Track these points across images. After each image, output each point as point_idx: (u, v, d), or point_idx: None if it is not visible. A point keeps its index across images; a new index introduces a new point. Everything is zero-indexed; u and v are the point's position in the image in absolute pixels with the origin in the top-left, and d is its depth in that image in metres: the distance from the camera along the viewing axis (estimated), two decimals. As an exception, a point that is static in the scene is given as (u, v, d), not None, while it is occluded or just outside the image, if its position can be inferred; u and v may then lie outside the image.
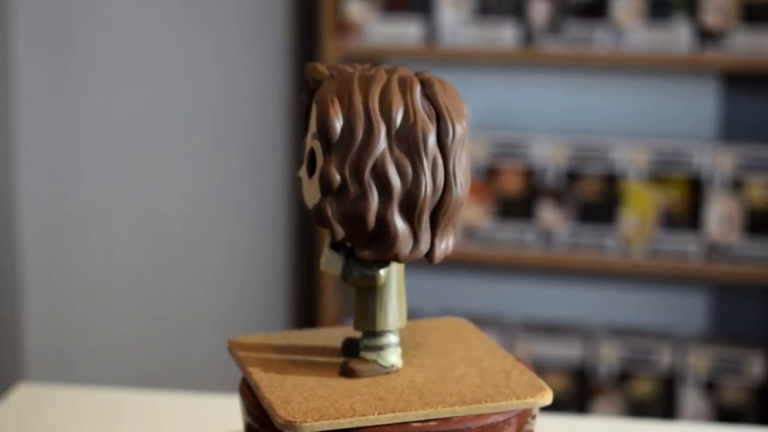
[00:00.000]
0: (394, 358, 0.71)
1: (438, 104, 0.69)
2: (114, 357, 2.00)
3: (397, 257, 0.69)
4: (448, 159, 0.69)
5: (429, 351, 0.73)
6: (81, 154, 1.91)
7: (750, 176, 2.11)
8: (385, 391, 0.68)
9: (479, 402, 0.66)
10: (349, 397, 0.67)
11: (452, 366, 0.70)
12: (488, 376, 0.68)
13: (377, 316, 0.71)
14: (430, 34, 2.19)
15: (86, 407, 1.01)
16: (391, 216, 0.68)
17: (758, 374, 2.16)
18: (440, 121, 0.69)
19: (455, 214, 0.70)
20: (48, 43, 1.83)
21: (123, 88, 1.95)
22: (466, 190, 0.70)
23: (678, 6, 2.10)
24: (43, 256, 1.88)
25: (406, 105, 0.69)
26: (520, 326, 2.30)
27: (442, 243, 0.70)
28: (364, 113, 0.68)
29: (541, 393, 0.66)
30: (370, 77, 0.70)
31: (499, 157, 2.19)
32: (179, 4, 2.02)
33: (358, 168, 0.68)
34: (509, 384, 0.67)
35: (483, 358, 0.71)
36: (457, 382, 0.68)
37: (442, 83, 0.70)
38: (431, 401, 0.66)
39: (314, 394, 0.67)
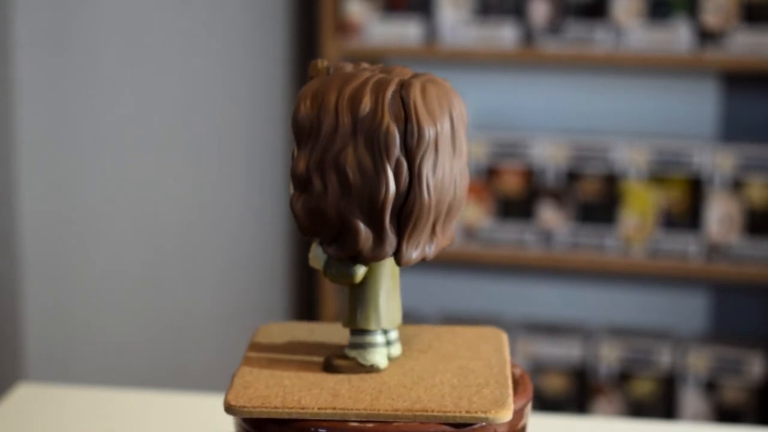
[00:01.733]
0: (376, 358, 0.71)
1: (408, 106, 0.69)
2: (114, 357, 2.00)
3: (360, 256, 0.69)
4: (413, 161, 0.68)
5: (432, 356, 0.73)
6: (81, 154, 1.91)
7: (750, 176, 2.11)
8: (349, 389, 0.68)
9: (426, 411, 0.65)
10: (308, 390, 0.67)
11: (437, 373, 0.70)
12: (463, 387, 0.67)
13: (359, 315, 0.71)
14: (430, 34, 2.19)
15: (86, 407, 1.02)
16: (352, 214, 0.69)
17: (758, 374, 2.16)
18: (407, 123, 0.68)
19: (425, 219, 0.69)
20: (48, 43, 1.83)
21: (123, 89, 1.95)
22: (446, 195, 0.69)
23: (678, 6, 2.10)
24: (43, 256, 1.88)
25: (374, 104, 0.69)
26: (520, 326, 2.30)
27: (412, 247, 0.69)
28: (333, 110, 0.69)
29: (496, 410, 0.64)
30: (350, 76, 0.70)
31: (499, 157, 2.19)
32: (179, 5, 2.02)
33: (321, 163, 0.69)
34: (474, 397, 0.66)
35: (476, 369, 0.70)
36: (426, 388, 0.68)
37: (425, 86, 0.70)
38: (382, 404, 0.66)
39: (279, 384, 0.68)
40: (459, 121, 0.71)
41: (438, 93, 0.70)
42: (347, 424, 0.65)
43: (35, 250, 1.87)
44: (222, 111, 2.14)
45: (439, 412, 0.64)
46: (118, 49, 1.93)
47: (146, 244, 2.02)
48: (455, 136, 0.70)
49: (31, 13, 1.80)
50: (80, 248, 1.93)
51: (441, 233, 0.71)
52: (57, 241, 1.90)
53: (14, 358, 1.87)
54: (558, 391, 2.25)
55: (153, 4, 1.97)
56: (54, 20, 1.84)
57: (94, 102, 1.91)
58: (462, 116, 0.71)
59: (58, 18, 1.84)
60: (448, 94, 0.71)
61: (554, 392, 2.25)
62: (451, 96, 0.71)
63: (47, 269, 1.90)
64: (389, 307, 0.72)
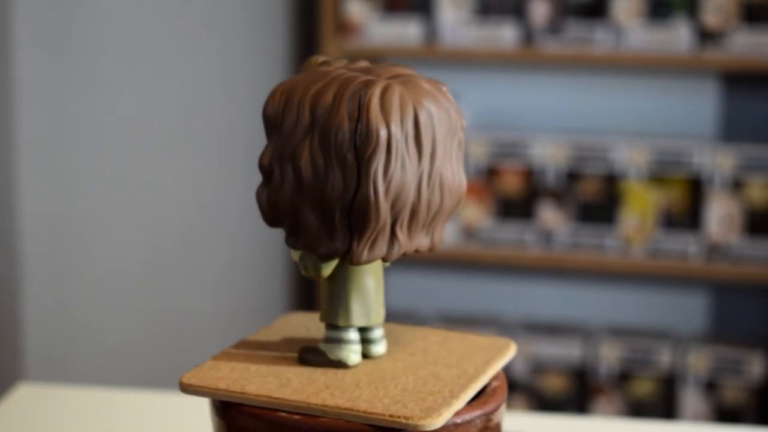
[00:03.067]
0: (343, 354, 0.72)
1: (361, 106, 0.69)
2: (114, 357, 2.00)
3: (314, 251, 0.70)
4: (361, 161, 0.68)
5: (415, 359, 0.73)
6: (81, 154, 1.91)
7: (750, 176, 2.11)
8: (302, 381, 0.69)
9: (352, 410, 0.65)
10: (263, 377, 0.69)
11: (403, 376, 0.70)
12: (413, 393, 0.68)
13: (330, 310, 0.72)
14: (430, 34, 2.19)
15: (86, 407, 1.02)
16: (305, 209, 0.70)
17: (758, 374, 2.16)
18: (358, 123, 0.69)
19: (376, 219, 0.69)
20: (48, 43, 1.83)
21: (123, 89, 1.95)
22: (404, 197, 0.69)
23: (678, 6, 2.10)
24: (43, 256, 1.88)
25: (332, 103, 0.69)
26: (520, 326, 2.30)
27: (365, 247, 0.70)
28: (296, 106, 0.70)
29: (421, 418, 0.64)
30: (324, 74, 0.71)
31: (499, 157, 2.19)
32: (179, 5, 2.02)
33: (281, 157, 0.70)
34: (411, 404, 0.66)
35: (444, 377, 0.70)
36: (377, 389, 0.68)
37: (389, 86, 0.70)
38: (317, 398, 0.67)
39: (243, 369, 0.71)
40: (437, 125, 0.70)
41: (405, 94, 0.70)
42: (276, 413, 0.66)
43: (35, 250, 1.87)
44: (222, 111, 2.14)
45: (365, 412, 0.65)
46: (118, 49, 1.93)
47: (146, 244, 2.02)
48: (421, 138, 0.70)
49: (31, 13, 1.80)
50: (80, 248, 1.94)
51: (406, 236, 0.71)
52: (57, 241, 1.90)
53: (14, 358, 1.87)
54: (558, 391, 2.25)
55: (153, 4, 1.97)
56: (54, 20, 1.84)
57: (94, 102, 1.91)
58: (443, 120, 0.71)
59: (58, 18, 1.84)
60: (422, 97, 0.70)
61: (554, 392, 2.25)
62: (426, 99, 0.70)
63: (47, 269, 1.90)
64: (363, 305, 0.72)
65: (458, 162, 0.73)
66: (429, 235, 0.72)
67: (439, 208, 0.72)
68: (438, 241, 0.73)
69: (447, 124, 0.71)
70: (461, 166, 0.73)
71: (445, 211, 0.72)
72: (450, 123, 0.71)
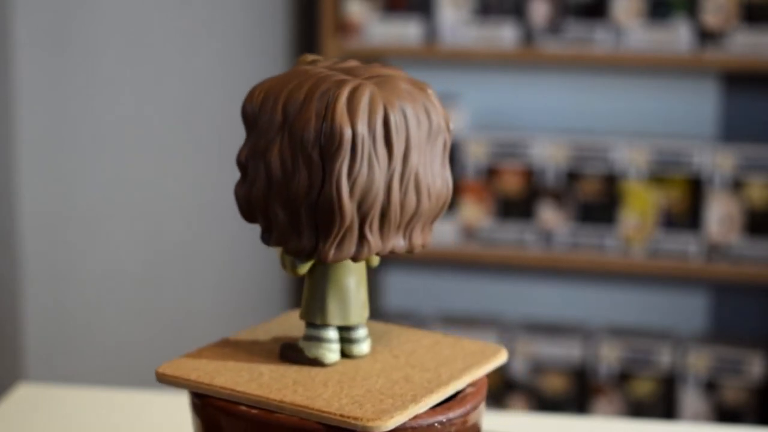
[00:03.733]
0: (319, 352, 0.72)
1: (328, 105, 0.69)
2: (114, 357, 2.00)
3: (284, 248, 0.71)
4: (326, 160, 0.69)
5: (396, 361, 0.73)
6: (81, 154, 1.91)
7: (750, 176, 2.11)
8: (273, 377, 0.70)
9: (307, 407, 0.66)
10: (236, 371, 0.71)
11: (375, 378, 0.70)
12: (376, 394, 0.68)
13: (307, 308, 0.73)
14: (430, 34, 2.19)
15: (86, 407, 1.02)
16: (274, 206, 0.71)
17: (758, 374, 2.16)
18: (323, 123, 0.69)
19: (340, 219, 0.69)
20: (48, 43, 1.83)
21: (123, 89, 1.95)
22: (372, 198, 0.69)
23: (678, 6, 2.10)
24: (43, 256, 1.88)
25: (302, 102, 0.70)
26: (520, 326, 2.30)
27: (331, 246, 0.70)
28: (271, 104, 0.71)
29: (370, 420, 0.65)
30: (303, 73, 0.72)
31: (499, 157, 2.19)
32: (179, 5, 2.02)
33: (255, 154, 0.71)
34: (368, 405, 0.66)
35: (415, 381, 0.70)
36: (341, 389, 0.69)
37: (360, 87, 0.70)
38: (277, 394, 0.67)
39: (221, 362, 0.72)
40: (413, 126, 0.70)
41: (377, 94, 0.70)
42: (237, 406, 0.68)
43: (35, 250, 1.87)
44: (222, 111, 2.14)
45: (318, 411, 0.66)
46: (118, 49, 1.93)
47: (146, 244, 2.02)
48: (391, 139, 0.69)
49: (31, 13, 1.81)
50: (80, 248, 1.94)
51: (377, 236, 0.70)
52: (57, 241, 1.90)
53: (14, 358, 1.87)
54: (558, 391, 2.25)
55: (153, 4, 1.97)
56: (54, 20, 1.84)
57: (94, 102, 1.91)
58: (421, 121, 0.70)
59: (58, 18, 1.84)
60: (396, 97, 0.70)
61: (554, 392, 2.25)
62: (401, 99, 0.70)
63: (47, 269, 1.90)
64: (341, 304, 0.72)
65: (442, 164, 0.73)
66: (406, 237, 0.72)
67: (415, 210, 0.71)
68: (417, 243, 0.72)
69: (426, 125, 0.71)
70: (446, 168, 0.73)
71: (423, 214, 0.72)
72: (431, 125, 0.71)
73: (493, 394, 2.28)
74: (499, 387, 2.27)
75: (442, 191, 0.72)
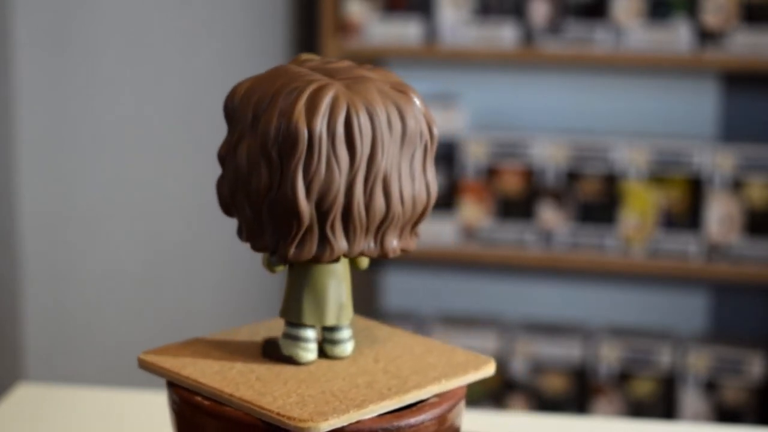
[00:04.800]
0: (294, 351, 0.72)
1: (286, 106, 0.69)
2: (114, 357, 2.00)
3: (251, 244, 0.72)
4: (282, 159, 0.69)
5: (373, 366, 0.73)
6: (81, 154, 1.91)
7: (750, 176, 2.11)
8: (241, 372, 0.71)
9: (251, 403, 0.67)
10: (209, 364, 0.72)
11: (340, 380, 0.71)
12: (328, 395, 0.69)
13: (285, 306, 0.73)
14: (430, 34, 2.19)
15: (86, 407, 1.02)
16: (241, 202, 0.71)
17: (758, 374, 2.16)
18: (280, 122, 0.69)
19: (297, 218, 0.69)
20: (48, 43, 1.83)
21: (123, 89, 1.95)
22: (331, 199, 0.69)
23: (678, 6, 2.10)
24: (43, 256, 1.88)
25: (270, 100, 0.70)
26: (520, 326, 2.30)
27: (291, 245, 0.70)
28: (247, 102, 0.71)
29: (302, 420, 0.65)
30: (285, 71, 0.72)
31: (499, 157, 2.19)
32: (179, 5, 2.02)
33: (228, 150, 0.72)
34: (310, 406, 0.67)
35: (376, 387, 0.70)
36: (298, 387, 0.69)
37: (324, 87, 0.69)
38: (233, 388, 0.69)
39: (203, 354, 0.74)
40: (383, 128, 0.69)
41: (341, 95, 0.69)
42: (194, 396, 0.69)
43: (35, 250, 1.87)
44: (222, 111, 2.14)
45: (260, 407, 0.67)
46: (118, 49, 1.93)
47: (146, 244, 2.02)
48: (354, 140, 0.69)
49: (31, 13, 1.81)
50: (80, 248, 1.94)
51: (341, 239, 0.70)
52: (57, 241, 1.90)
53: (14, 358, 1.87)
54: (558, 391, 2.25)
55: (153, 4, 1.97)
56: (54, 20, 1.84)
57: (94, 102, 1.91)
58: (393, 124, 0.70)
59: (58, 18, 1.84)
60: (364, 99, 0.69)
61: (554, 392, 2.25)
62: (370, 101, 0.69)
63: (47, 269, 1.90)
64: (316, 304, 0.72)
65: (423, 169, 0.72)
66: (377, 242, 0.71)
67: (386, 214, 0.70)
68: (392, 248, 0.72)
69: (400, 128, 0.70)
70: (429, 173, 0.72)
71: (396, 218, 0.71)
72: (405, 128, 0.70)
73: (493, 394, 2.28)
74: (499, 387, 2.28)
75: (419, 196, 0.72)
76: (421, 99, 0.72)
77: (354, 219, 0.70)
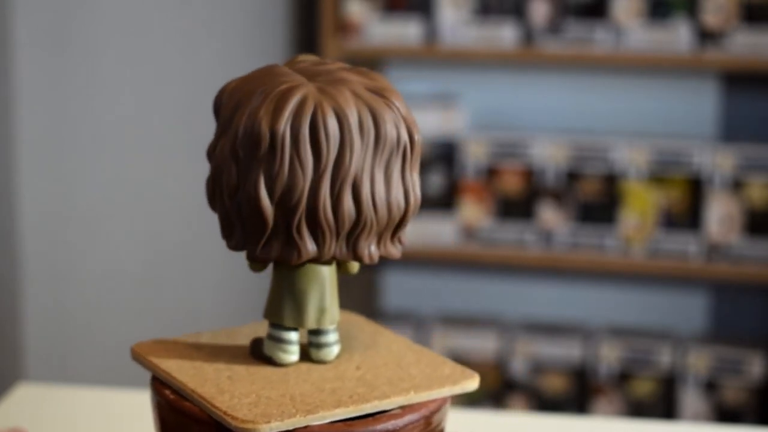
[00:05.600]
0: (274, 352, 0.72)
1: (254, 106, 0.69)
2: (114, 357, 2.00)
3: (226, 242, 0.72)
4: (246, 159, 0.69)
5: (354, 373, 0.73)
6: (81, 154, 1.91)
7: (750, 176, 2.11)
8: (216, 368, 0.72)
9: (204, 399, 0.68)
10: (189, 359, 0.73)
11: (307, 383, 0.71)
12: (286, 398, 0.69)
13: (267, 306, 0.73)
14: (430, 34, 2.19)
15: (86, 407, 1.01)
16: (217, 201, 0.71)
17: (758, 374, 2.16)
18: (247, 122, 0.69)
19: (258, 219, 0.69)
20: (48, 43, 1.83)
21: (123, 89, 1.95)
22: (292, 201, 0.68)
23: (678, 6, 2.10)
24: (43, 256, 1.88)
25: (244, 100, 0.70)
26: (520, 326, 2.30)
27: (258, 245, 0.70)
28: (228, 102, 0.71)
29: (244, 421, 0.66)
30: (269, 72, 0.72)
31: (499, 157, 2.19)
32: (179, 5, 2.02)
33: (212, 147, 0.72)
34: (262, 406, 0.68)
35: (341, 394, 0.70)
36: (262, 388, 0.70)
37: (291, 89, 0.69)
38: (199, 385, 0.70)
39: (192, 350, 0.75)
40: (353, 132, 0.68)
41: (310, 97, 0.69)
42: (164, 389, 0.71)
43: (35, 250, 1.87)
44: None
45: (212, 405, 0.68)
46: (118, 49, 1.93)
47: (146, 244, 2.02)
48: (320, 142, 0.68)
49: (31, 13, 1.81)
50: (80, 248, 1.93)
51: (309, 242, 0.69)
52: (57, 241, 1.90)
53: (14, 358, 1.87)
54: (558, 391, 2.25)
55: (153, 4, 1.97)
56: (54, 20, 1.84)
57: (94, 102, 1.91)
58: (366, 129, 0.69)
59: (58, 18, 1.84)
60: (333, 103, 0.68)
61: (554, 392, 2.25)
62: (341, 105, 0.68)
63: (47, 269, 1.90)
64: (295, 307, 0.72)
65: (401, 175, 0.70)
66: (349, 247, 0.70)
67: (357, 220, 0.69)
68: (364, 255, 0.71)
69: (373, 133, 0.69)
70: (409, 180, 0.71)
71: (369, 224, 0.70)
72: (380, 133, 0.69)
73: (493, 394, 2.28)
74: (499, 387, 2.28)
75: (396, 202, 0.70)
76: (404, 105, 0.71)
77: (321, 222, 0.69)
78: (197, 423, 0.68)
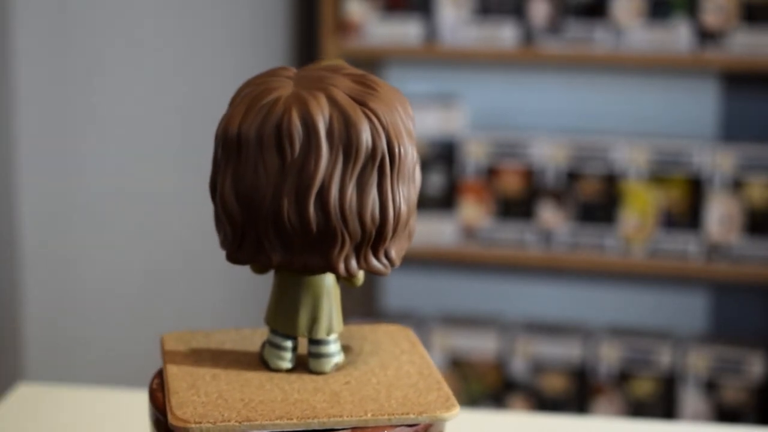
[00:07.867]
0: (268, 356, 0.73)
1: (232, 108, 0.70)
2: (114, 357, 2.00)
3: None
4: (216, 160, 0.70)
5: (340, 388, 0.72)
6: (81, 154, 1.91)
7: (750, 176, 2.11)
8: (210, 368, 0.73)
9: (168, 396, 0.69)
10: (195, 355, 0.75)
11: (277, 390, 0.70)
12: (241, 404, 0.69)
13: (266, 311, 0.73)
14: (430, 34, 2.19)
15: (86, 407, 1.02)
16: (213, 199, 0.71)
17: (758, 374, 2.16)
18: (222, 123, 0.70)
19: (229, 224, 0.69)
20: (48, 42, 1.83)
21: (123, 89, 1.95)
22: (258, 207, 0.68)
23: (678, 6, 2.10)
24: (43, 257, 1.88)
25: (232, 102, 0.71)
26: (520, 326, 2.30)
27: (235, 247, 0.70)
28: (232, 100, 0.71)
29: (185, 421, 0.67)
30: (270, 73, 0.72)
31: (499, 157, 2.19)
32: (179, 4, 2.02)
33: None
34: (210, 410, 0.68)
35: (307, 408, 0.69)
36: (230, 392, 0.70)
37: (267, 91, 0.69)
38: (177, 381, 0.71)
39: (200, 343, 0.76)
40: (322, 140, 0.67)
41: (281, 101, 0.68)
42: (153, 386, 0.72)
43: (35, 250, 1.87)
44: (222, 112, 2.14)
45: (168, 399, 0.69)
46: (119, 49, 1.93)
47: (146, 244, 2.02)
48: (284, 147, 0.67)
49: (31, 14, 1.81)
50: (80, 248, 1.94)
51: (277, 248, 0.69)
52: (57, 241, 1.90)
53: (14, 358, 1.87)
54: (558, 391, 2.25)
55: (153, 4, 1.97)
56: (54, 21, 1.84)
57: (94, 102, 1.91)
58: (340, 137, 0.67)
59: (58, 18, 1.84)
60: (303, 107, 0.67)
61: (554, 392, 2.25)
62: (312, 111, 0.67)
63: (47, 269, 1.90)
64: (286, 314, 0.72)
65: (380, 187, 0.68)
66: (324, 257, 0.69)
67: (325, 229, 0.68)
68: (340, 268, 0.69)
69: (345, 140, 0.67)
70: (384, 192, 0.68)
71: (341, 236, 0.68)
72: (352, 141, 0.67)
73: (493, 394, 2.28)
74: (499, 387, 2.28)
75: (370, 215, 0.68)
76: (389, 115, 0.68)
77: (286, 227, 0.68)
78: (157, 417, 0.70)
